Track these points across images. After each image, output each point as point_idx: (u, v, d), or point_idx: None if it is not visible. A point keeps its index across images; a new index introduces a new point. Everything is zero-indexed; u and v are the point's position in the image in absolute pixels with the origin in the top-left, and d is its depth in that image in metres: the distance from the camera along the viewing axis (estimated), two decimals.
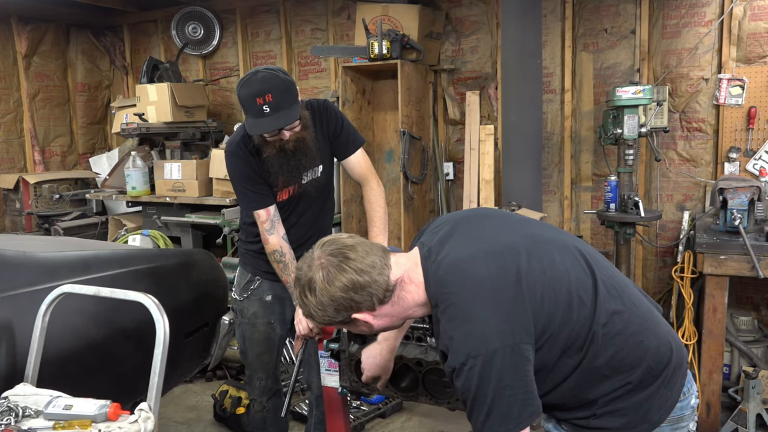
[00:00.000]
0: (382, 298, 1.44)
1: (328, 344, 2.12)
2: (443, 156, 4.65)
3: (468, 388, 1.32)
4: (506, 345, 1.31)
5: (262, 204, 2.39)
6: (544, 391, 1.43)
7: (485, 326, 1.33)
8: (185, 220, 4.63)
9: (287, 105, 2.18)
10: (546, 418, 1.61)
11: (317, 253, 1.44)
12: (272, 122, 2.18)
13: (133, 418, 1.72)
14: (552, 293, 1.39)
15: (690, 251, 3.54)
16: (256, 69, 2.22)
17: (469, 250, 1.44)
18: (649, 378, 1.44)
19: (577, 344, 1.40)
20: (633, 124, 3.40)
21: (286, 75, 2.21)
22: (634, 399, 1.43)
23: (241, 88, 2.21)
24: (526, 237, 1.50)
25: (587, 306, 1.41)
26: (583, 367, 1.42)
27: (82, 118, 5.91)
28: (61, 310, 2.05)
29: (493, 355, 1.30)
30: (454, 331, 1.35)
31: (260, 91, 2.14)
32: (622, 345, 1.43)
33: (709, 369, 3.13)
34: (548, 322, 1.37)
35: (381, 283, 1.42)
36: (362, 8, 4.43)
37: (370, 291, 1.41)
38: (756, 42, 3.73)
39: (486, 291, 1.36)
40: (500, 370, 1.30)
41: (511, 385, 1.31)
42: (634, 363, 1.43)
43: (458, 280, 1.39)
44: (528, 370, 1.34)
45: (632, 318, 1.46)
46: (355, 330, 1.55)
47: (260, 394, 2.67)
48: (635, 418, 1.44)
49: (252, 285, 2.60)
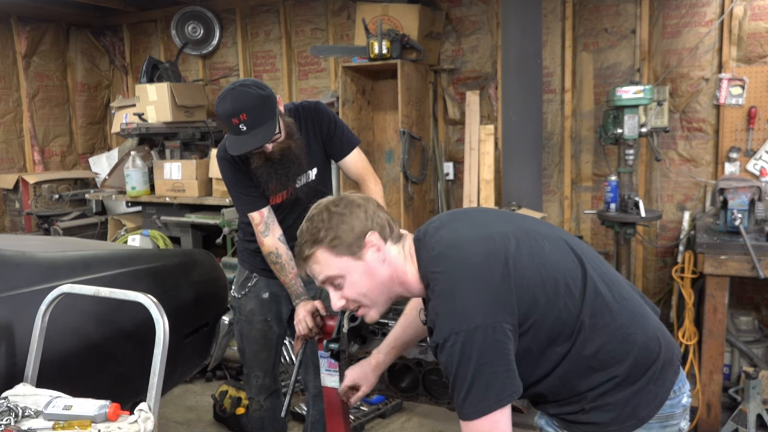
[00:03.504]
0: (392, 230, 1.53)
1: (328, 344, 2.11)
2: (443, 156, 4.65)
3: (450, 364, 1.35)
4: (488, 323, 1.34)
5: (255, 206, 2.39)
6: (534, 380, 1.46)
7: (469, 304, 1.36)
8: (185, 220, 4.63)
9: (263, 121, 2.16)
10: (539, 414, 1.64)
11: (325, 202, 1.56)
12: (250, 141, 2.17)
13: (133, 419, 1.71)
14: (539, 278, 1.42)
15: (690, 251, 3.54)
16: (231, 86, 2.20)
17: (462, 234, 1.49)
18: (637, 373, 1.45)
19: (565, 333, 1.43)
20: (633, 124, 3.40)
21: (261, 89, 2.18)
22: (622, 394, 1.45)
23: (217, 106, 2.19)
24: (518, 227, 1.54)
25: (575, 295, 1.43)
26: (572, 356, 1.44)
27: (81, 118, 5.91)
28: (61, 310, 2.05)
29: (474, 332, 1.33)
30: (440, 308, 1.39)
31: (234, 111, 2.13)
32: (610, 337, 1.44)
33: (709, 369, 3.13)
34: (533, 306, 1.39)
35: (390, 219, 1.54)
36: (362, 8, 4.43)
37: (385, 217, 1.53)
38: (756, 42, 3.73)
39: (473, 270, 1.40)
40: (481, 348, 1.33)
41: (491, 363, 1.33)
42: (621, 356, 1.44)
43: (448, 260, 1.44)
44: (509, 350, 1.36)
45: (621, 311, 1.47)
46: (351, 280, 1.51)
47: (257, 392, 2.67)
48: (623, 414, 1.45)
49: (249, 282, 2.60)
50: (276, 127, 2.20)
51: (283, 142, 2.27)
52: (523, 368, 1.39)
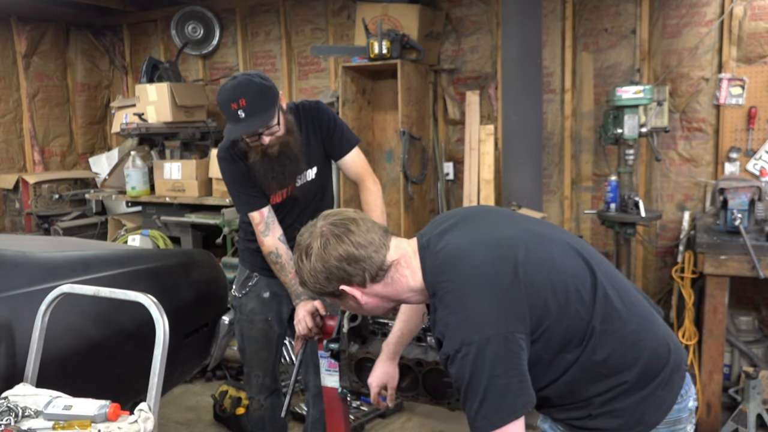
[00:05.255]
0: (375, 276, 1.45)
1: (328, 344, 2.11)
2: (443, 156, 4.65)
3: (462, 375, 1.32)
4: (500, 333, 1.31)
5: (255, 206, 2.39)
6: (541, 386, 1.44)
7: (480, 314, 1.33)
8: (185, 220, 4.63)
9: (262, 109, 2.18)
10: (542, 418, 1.62)
11: (320, 222, 1.48)
12: (246, 126, 2.18)
13: (133, 419, 1.71)
14: (549, 285, 1.39)
15: (690, 251, 3.54)
16: (234, 75, 2.25)
17: (468, 240, 1.46)
18: (646, 378, 1.44)
19: (576, 339, 1.40)
20: (633, 124, 3.40)
21: (263, 80, 2.22)
22: (631, 400, 1.43)
23: (219, 94, 2.22)
24: (526, 231, 1.51)
25: (585, 301, 1.41)
26: (582, 363, 1.42)
27: (81, 118, 5.91)
28: (61, 310, 2.05)
29: (488, 343, 1.30)
30: (449, 318, 1.36)
31: (234, 96, 2.15)
32: (620, 343, 1.43)
33: (709, 369, 3.13)
34: (544, 314, 1.37)
35: (376, 261, 1.44)
36: (362, 8, 4.43)
37: (363, 266, 1.43)
38: (756, 42, 3.73)
39: (482, 279, 1.37)
40: (494, 359, 1.30)
41: (504, 374, 1.30)
42: (631, 362, 1.43)
43: (455, 268, 1.40)
44: (522, 360, 1.33)
45: (630, 317, 1.46)
46: (344, 305, 1.56)
47: (258, 391, 2.67)
48: (631, 420, 1.44)
49: (250, 282, 2.61)
50: (275, 116, 2.21)
51: (281, 137, 2.27)
52: (532, 375, 1.37)
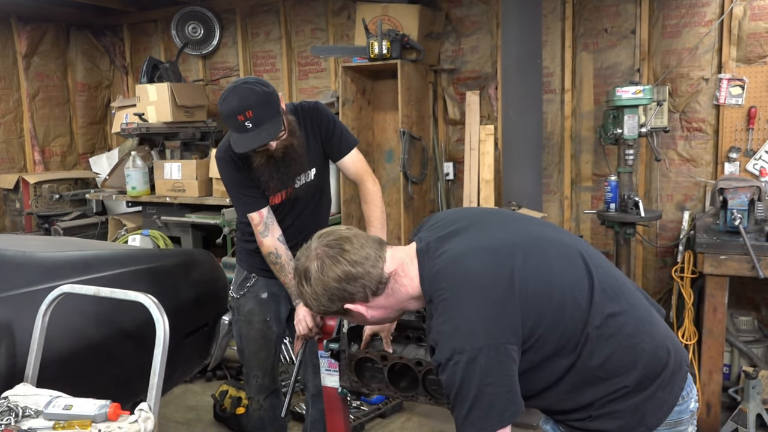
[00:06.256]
0: (375, 290, 1.47)
1: (328, 344, 2.11)
2: (443, 156, 4.65)
3: (452, 383, 1.34)
4: (492, 344, 1.32)
5: (254, 207, 2.38)
6: (536, 391, 1.44)
7: (473, 323, 1.34)
8: (185, 220, 4.63)
9: (269, 118, 2.16)
10: (545, 419, 1.62)
11: (314, 243, 1.49)
12: (256, 138, 2.16)
13: (133, 418, 1.71)
14: (544, 293, 1.40)
15: (690, 251, 3.54)
16: (234, 83, 2.19)
17: (466, 247, 1.46)
18: (646, 381, 1.43)
19: (570, 345, 1.41)
20: (633, 124, 3.40)
21: (265, 87, 2.18)
22: (631, 402, 1.43)
23: (221, 104, 2.18)
24: (526, 236, 1.51)
25: (581, 308, 1.41)
26: (578, 368, 1.42)
27: (81, 118, 5.91)
28: (61, 310, 2.05)
29: (479, 353, 1.31)
30: (443, 326, 1.37)
31: (240, 108, 2.12)
32: (617, 347, 1.43)
33: (709, 369, 3.13)
34: (539, 322, 1.38)
35: (374, 276, 1.45)
36: (362, 8, 4.43)
37: (363, 282, 1.45)
38: (756, 42, 3.73)
39: (477, 288, 1.38)
40: (484, 368, 1.31)
41: (494, 384, 1.32)
42: (630, 366, 1.43)
43: (451, 276, 1.41)
44: (512, 370, 1.35)
45: (628, 320, 1.45)
46: (351, 320, 1.59)
47: (257, 392, 2.67)
48: (632, 421, 1.44)
49: (248, 282, 2.60)
50: (282, 124, 2.21)
51: (286, 139, 2.27)
52: (526, 380, 1.38)
